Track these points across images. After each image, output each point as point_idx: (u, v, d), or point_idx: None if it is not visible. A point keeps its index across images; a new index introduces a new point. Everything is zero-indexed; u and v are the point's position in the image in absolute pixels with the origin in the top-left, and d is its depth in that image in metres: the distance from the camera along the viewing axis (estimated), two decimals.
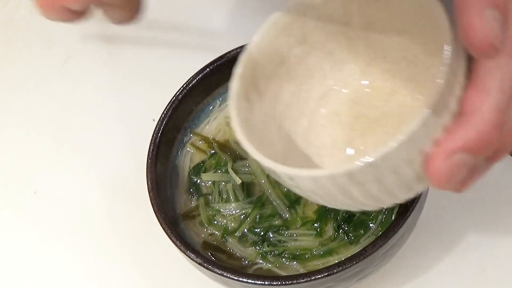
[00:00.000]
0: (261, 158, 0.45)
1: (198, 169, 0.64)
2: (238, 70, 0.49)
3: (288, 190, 0.62)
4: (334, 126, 0.54)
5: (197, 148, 0.65)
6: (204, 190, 0.64)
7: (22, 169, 0.76)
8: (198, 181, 0.64)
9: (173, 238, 0.58)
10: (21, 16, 0.85)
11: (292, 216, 0.61)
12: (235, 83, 0.49)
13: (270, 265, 0.60)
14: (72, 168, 0.75)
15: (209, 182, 0.64)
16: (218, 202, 0.63)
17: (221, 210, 0.62)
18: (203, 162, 0.65)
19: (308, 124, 0.55)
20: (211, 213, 0.62)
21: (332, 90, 0.55)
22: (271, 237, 0.61)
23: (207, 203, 0.63)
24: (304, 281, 0.54)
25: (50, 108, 0.79)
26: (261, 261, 0.60)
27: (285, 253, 0.60)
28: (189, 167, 0.65)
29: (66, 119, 0.78)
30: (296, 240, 0.60)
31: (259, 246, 0.60)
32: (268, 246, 0.60)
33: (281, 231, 0.61)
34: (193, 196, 0.64)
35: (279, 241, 0.61)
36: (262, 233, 0.61)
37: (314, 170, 0.44)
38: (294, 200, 0.62)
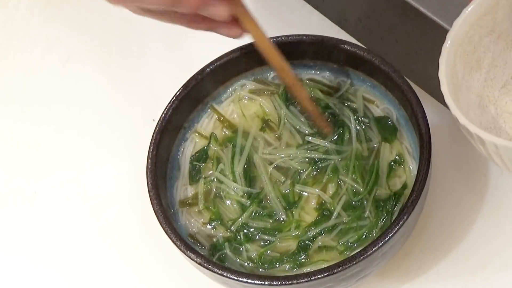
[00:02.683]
0: (469, 124, 0.50)
1: (200, 156, 0.65)
2: (444, 54, 0.53)
3: (287, 192, 0.62)
4: None
5: (202, 136, 0.65)
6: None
7: (22, 169, 0.76)
8: (200, 167, 0.64)
9: (173, 238, 0.58)
10: (21, 16, 0.85)
11: (288, 218, 0.61)
12: (444, 59, 0.53)
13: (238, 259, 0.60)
14: (72, 168, 0.75)
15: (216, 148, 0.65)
16: (226, 168, 0.63)
17: (224, 181, 0.63)
18: (205, 149, 0.65)
19: (495, 111, 0.58)
20: (209, 188, 0.63)
21: None
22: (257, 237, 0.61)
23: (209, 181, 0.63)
24: (304, 281, 0.54)
25: (50, 108, 0.79)
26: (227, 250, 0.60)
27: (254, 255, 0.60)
28: (190, 160, 0.65)
29: (66, 119, 0.78)
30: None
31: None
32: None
33: (271, 233, 0.61)
34: (194, 180, 0.64)
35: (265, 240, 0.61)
36: (251, 234, 0.61)
37: None
38: (292, 203, 0.61)
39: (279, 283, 0.55)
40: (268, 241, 0.61)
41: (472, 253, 0.65)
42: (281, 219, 0.61)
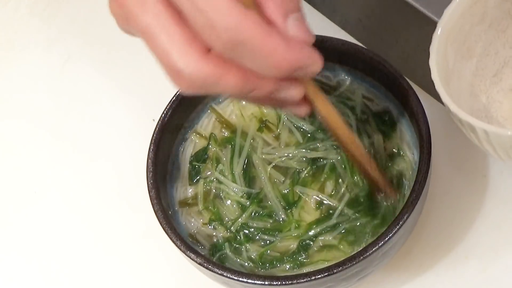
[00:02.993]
0: (459, 111, 0.50)
1: (199, 156, 0.65)
2: (435, 42, 0.53)
3: (287, 192, 0.62)
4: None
5: (202, 136, 0.65)
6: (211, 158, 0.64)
7: (22, 169, 0.76)
8: (200, 167, 0.64)
9: (173, 238, 0.58)
10: (21, 16, 0.85)
11: (288, 218, 0.61)
12: (435, 47, 0.53)
13: (239, 259, 0.60)
14: (72, 168, 0.75)
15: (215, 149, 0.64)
16: (224, 167, 0.63)
17: (223, 181, 0.62)
18: (205, 149, 0.65)
19: (487, 100, 0.58)
20: (209, 188, 0.63)
21: (504, 67, 0.58)
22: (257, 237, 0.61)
23: (209, 180, 0.63)
24: (304, 281, 0.54)
25: (50, 108, 0.79)
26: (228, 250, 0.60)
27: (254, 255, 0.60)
28: (190, 160, 0.65)
29: (66, 119, 0.78)
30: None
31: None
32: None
33: (272, 233, 0.61)
34: (194, 181, 0.64)
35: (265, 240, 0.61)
36: (251, 234, 0.61)
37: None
38: (292, 202, 0.62)
39: (279, 283, 0.55)
40: (268, 241, 0.61)
41: (472, 253, 0.65)
42: (281, 219, 0.61)
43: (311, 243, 0.60)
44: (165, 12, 0.44)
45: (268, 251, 0.60)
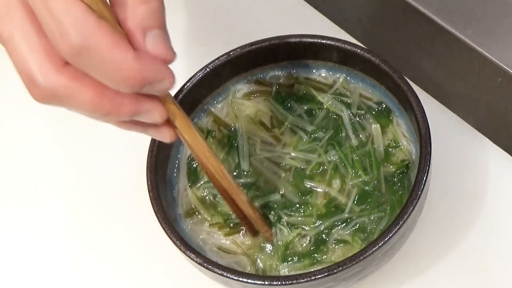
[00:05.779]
0: None
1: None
2: None
3: (298, 182, 0.62)
4: None
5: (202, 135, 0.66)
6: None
7: (22, 169, 0.76)
8: (197, 167, 0.64)
9: (173, 238, 0.58)
10: None
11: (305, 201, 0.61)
12: None
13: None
14: (72, 168, 0.75)
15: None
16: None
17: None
18: None
19: None
20: (203, 194, 0.63)
21: None
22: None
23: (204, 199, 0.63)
24: (304, 281, 0.55)
25: (49, 108, 0.79)
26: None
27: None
28: (187, 161, 0.65)
29: (66, 119, 0.78)
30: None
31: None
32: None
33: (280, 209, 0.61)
34: (193, 181, 0.64)
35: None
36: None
37: None
38: (306, 192, 0.62)
39: (279, 283, 0.55)
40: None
41: (472, 253, 0.65)
42: (296, 203, 0.61)
43: (327, 238, 0.60)
44: (28, 20, 0.44)
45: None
